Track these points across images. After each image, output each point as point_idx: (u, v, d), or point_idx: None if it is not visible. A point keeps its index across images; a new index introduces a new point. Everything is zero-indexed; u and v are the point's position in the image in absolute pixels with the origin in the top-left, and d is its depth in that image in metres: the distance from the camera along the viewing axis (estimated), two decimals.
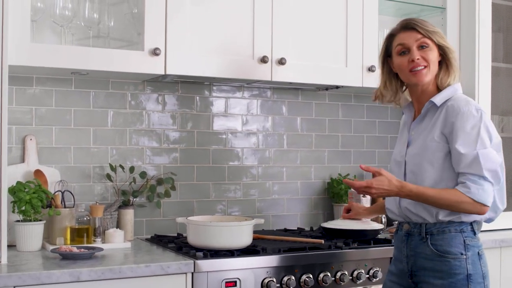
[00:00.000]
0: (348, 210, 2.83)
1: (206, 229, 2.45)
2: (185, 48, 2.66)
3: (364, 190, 2.16)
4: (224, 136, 3.15)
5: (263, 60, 2.79)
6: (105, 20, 2.75)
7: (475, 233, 2.22)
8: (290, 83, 2.99)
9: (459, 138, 2.12)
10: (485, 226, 3.13)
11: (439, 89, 2.27)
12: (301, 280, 2.49)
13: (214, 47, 2.72)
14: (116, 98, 2.92)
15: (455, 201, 2.10)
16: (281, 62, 2.82)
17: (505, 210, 3.32)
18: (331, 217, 3.39)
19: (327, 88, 3.25)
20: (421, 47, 2.23)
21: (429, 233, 2.19)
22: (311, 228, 3.23)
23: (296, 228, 3.22)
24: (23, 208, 2.44)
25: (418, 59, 2.22)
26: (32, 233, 2.46)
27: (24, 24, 2.39)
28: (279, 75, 2.84)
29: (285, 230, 3.18)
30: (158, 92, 3.01)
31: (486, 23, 3.27)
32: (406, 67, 2.25)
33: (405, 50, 2.25)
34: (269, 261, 2.44)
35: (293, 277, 2.47)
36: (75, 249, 2.34)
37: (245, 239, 2.50)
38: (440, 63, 2.27)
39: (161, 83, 3.00)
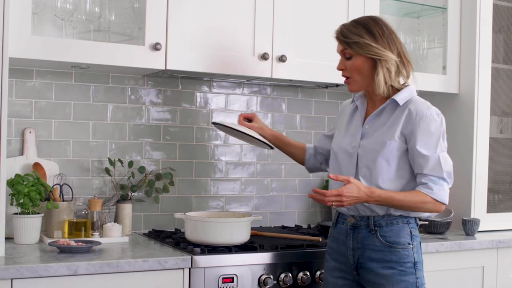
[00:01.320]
0: (248, 120, 2.62)
1: (204, 225, 2.45)
2: (186, 44, 2.66)
3: (335, 200, 2.13)
4: (223, 132, 3.15)
5: (264, 57, 2.79)
6: (106, 14, 2.74)
7: (417, 224, 2.31)
8: (290, 80, 2.99)
9: (421, 140, 2.21)
10: (482, 226, 3.17)
11: (392, 88, 2.29)
12: (298, 278, 2.50)
13: (214, 43, 2.72)
14: (116, 92, 2.92)
15: (420, 202, 2.20)
16: (282, 59, 2.82)
17: (502, 211, 3.37)
18: (328, 215, 3.39)
19: (327, 86, 3.25)
20: (346, 57, 2.30)
21: (378, 225, 2.25)
22: (309, 226, 3.23)
23: (293, 226, 3.23)
24: (21, 200, 2.45)
25: (341, 69, 2.32)
26: (30, 226, 2.46)
27: (25, 17, 2.39)
28: (279, 72, 2.84)
29: (283, 227, 3.18)
30: (158, 87, 3.01)
31: (487, 23, 3.28)
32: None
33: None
34: (266, 258, 2.45)
35: (290, 274, 2.47)
36: (72, 243, 2.34)
37: (242, 235, 2.50)
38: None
39: (161, 78, 3.00)
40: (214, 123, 2.63)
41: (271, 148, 2.60)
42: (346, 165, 2.32)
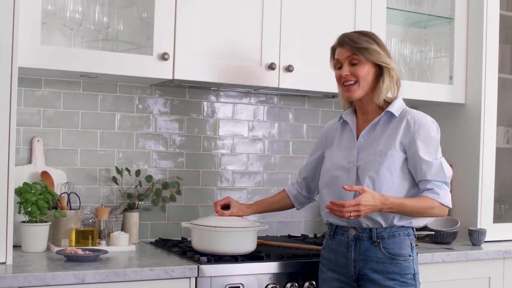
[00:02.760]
0: (224, 206, 2.59)
1: (210, 234, 2.45)
2: (194, 54, 2.67)
3: (353, 210, 2.13)
4: (230, 142, 3.16)
5: (271, 66, 2.80)
6: (115, 24, 2.76)
7: (415, 236, 2.35)
8: (297, 90, 3.00)
9: (422, 147, 2.25)
10: (488, 237, 3.16)
11: (384, 101, 2.33)
12: (304, 287, 2.50)
13: (222, 53, 2.73)
14: (123, 101, 2.93)
15: (429, 207, 2.24)
16: (289, 69, 2.83)
17: (509, 221, 3.37)
18: None
19: (333, 95, 3.25)
20: (352, 64, 2.29)
21: (380, 237, 2.27)
22: (315, 235, 3.24)
23: (300, 235, 3.23)
24: (29, 209, 2.45)
25: (346, 75, 2.30)
26: (38, 234, 2.47)
27: (34, 27, 2.41)
28: (286, 82, 2.85)
29: (289, 236, 3.19)
30: (166, 96, 3.02)
31: (494, 33, 3.28)
32: (339, 81, 2.35)
33: (340, 65, 2.33)
34: (273, 267, 2.45)
35: (296, 284, 2.47)
36: (80, 251, 2.35)
37: (249, 244, 2.50)
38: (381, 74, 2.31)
39: (168, 87, 3.01)
40: (194, 224, 2.53)
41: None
42: (344, 180, 2.31)
